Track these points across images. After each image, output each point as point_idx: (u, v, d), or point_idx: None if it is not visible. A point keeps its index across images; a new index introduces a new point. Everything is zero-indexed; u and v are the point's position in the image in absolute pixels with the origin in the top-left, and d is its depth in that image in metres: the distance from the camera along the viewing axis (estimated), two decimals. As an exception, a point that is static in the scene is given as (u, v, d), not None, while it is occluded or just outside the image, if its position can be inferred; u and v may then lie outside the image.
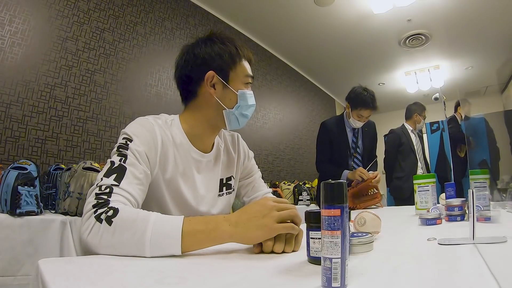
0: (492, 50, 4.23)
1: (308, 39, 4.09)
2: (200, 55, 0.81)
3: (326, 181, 0.39)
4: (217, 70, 0.81)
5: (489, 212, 0.92)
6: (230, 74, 0.82)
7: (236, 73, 0.82)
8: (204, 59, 0.81)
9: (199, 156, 0.84)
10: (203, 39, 0.84)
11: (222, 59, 0.81)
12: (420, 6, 3.30)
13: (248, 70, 0.85)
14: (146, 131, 0.75)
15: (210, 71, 0.80)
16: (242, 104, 0.83)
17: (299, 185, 3.41)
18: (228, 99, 0.82)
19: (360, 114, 2.00)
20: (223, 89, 0.82)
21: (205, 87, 0.81)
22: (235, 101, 0.82)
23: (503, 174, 1.33)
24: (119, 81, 2.46)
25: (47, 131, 1.99)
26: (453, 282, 0.40)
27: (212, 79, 0.81)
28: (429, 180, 1.27)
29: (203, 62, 0.81)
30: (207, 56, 0.81)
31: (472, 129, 1.46)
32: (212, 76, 0.80)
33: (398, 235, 0.83)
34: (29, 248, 1.27)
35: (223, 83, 0.81)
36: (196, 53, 0.82)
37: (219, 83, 0.81)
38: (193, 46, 0.84)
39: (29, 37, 1.95)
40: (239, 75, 0.83)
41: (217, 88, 0.81)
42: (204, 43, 0.83)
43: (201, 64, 0.81)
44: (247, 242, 0.60)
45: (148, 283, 0.42)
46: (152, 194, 0.76)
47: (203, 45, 0.82)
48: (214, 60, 0.81)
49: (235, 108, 0.82)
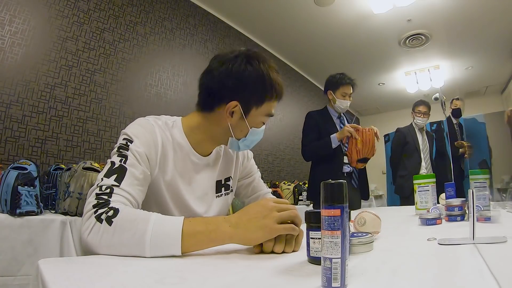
0: (492, 50, 4.24)
1: (308, 39, 4.09)
2: (234, 78, 0.75)
3: (326, 181, 0.39)
4: (242, 102, 0.77)
5: (489, 212, 0.92)
6: (252, 110, 0.78)
7: (259, 111, 0.79)
8: (235, 85, 0.75)
9: (198, 159, 0.84)
10: (244, 55, 0.77)
11: (251, 94, 0.77)
12: (420, 6, 3.30)
13: (272, 110, 0.81)
14: (146, 132, 0.75)
15: (235, 100, 0.76)
16: (249, 138, 0.82)
17: (299, 185, 3.41)
18: (239, 130, 0.81)
19: (344, 92, 2.09)
20: (239, 120, 0.79)
21: (223, 109, 0.78)
22: (244, 134, 0.81)
23: (503, 174, 1.33)
24: (119, 81, 2.46)
25: (47, 131, 1.99)
26: (453, 282, 0.40)
27: (234, 107, 0.77)
28: (429, 180, 1.27)
29: (234, 87, 0.75)
30: (239, 82, 0.75)
31: (469, 129, 1.47)
32: (234, 106, 0.77)
33: (398, 235, 0.83)
34: (29, 248, 1.27)
35: (242, 115, 0.78)
36: (232, 73, 0.75)
37: (238, 113, 0.78)
38: (233, 60, 0.76)
39: (29, 37, 1.95)
40: (261, 113, 0.80)
41: (234, 117, 0.78)
42: (244, 64, 0.76)
43: (231, 88, 0.76)
44: (248, 243, 0.60)
45: (148, 283, 0.42)
46: (152, 195, 0.76)
47: (242, 65, 0.76)
48: (244, 90, 0.76)
49: (242, 140, 0.82)
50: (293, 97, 4.82)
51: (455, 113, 3.15)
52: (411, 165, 2.85)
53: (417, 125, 2.93)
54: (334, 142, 1.98)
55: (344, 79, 2.09)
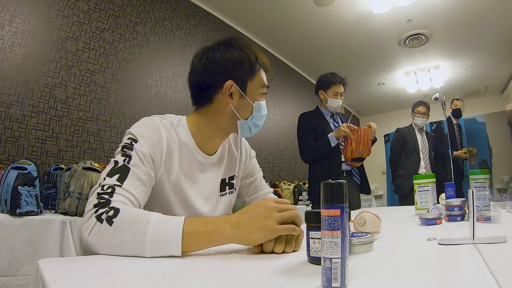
0: (492, 50, 4.24)
1: (308, 39, 4.09)
2: (220, 62, 0.78)
3: (326, 181, 0.39)
4: (236, 80, 0.79)
5: (489, 212, 0.92)
6: (248, 84, 0.80)
7: (254, 83, 0.81)
8: (224, 67, 0.78)
9: (203, 159, 0.84)
10: (222, 43, 0.81)
11: (242, 68, 0.79)
12: (420, 6, 3.30)
13: (265, 80, 0.83)
14: (152, 132, 0.74)
15: (229, 80, 0.78)
16: (256, 115, 0.82)
17: (299, 185, 3.41)
18: (244, 109, 0.81)
19: (335, 92, 2.10)
20: (240, 99, 0.80)
21: (221, 95, 0.80)
22: (250, 111, 0.82)
23: (503, 174, 1.34)
24: (119, 81, 2.46)
25: (47, 131, 1.99)
26: (453, 282, 0.40)
27: (231, 88, 0.79)
28: (429, 180, 1.27)
29: (223, 70, 0.78)
30: (227, 63, 0.78)
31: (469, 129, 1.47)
32: (231, 86, 0.78)
33: (398, 235, 0.83)
34: (29, 248, 1.27)
35: (240, 93, 0.80)
36: (216, 59, 0.79)
37: (237, 92, 0.79)
38: (212, 50, 0.80)
39: (29, 37, 1.95)
40: (257, 85, 0.82)
41: (234, 98, 0.80)
42: (224, 48, 0.80)
43: (221, 71, 0.78)
44: (248, 243, 0.60)
45: (148, 283, 0.42)
46: (156, 195, 0.75)
47: (223, 50, 0.79)
48: (234, 69, 0.79)
49: (250, 118, 0.82)
50: (293, 97, 4.82)
51: (455, 113, 3.15)
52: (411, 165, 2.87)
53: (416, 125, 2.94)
54: (333, 141, 2.00)
55: (335, 78, 2.10)
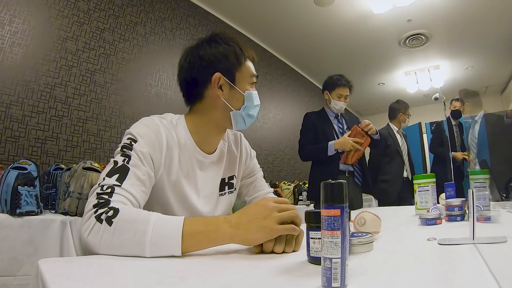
0: (492, 50, 4.24)
1: (308, 39, 4.09)
2: (206, 57, 0.80)
3: (326, 181, 0.39)
4: (224, 72, 0.80)
5: (489, 212, 0.92)
6: (236, 75, 0.81)
7: (242, 73, 0.82)
8: (210, 61, 0.80)
9: (203, 157, 0.84)
10: (206, 40, 0.83)
11: (228, 60, 0.80)
12: (420, 6, 3.30)
13: (253, 70, 0.85)
14: (151, 132, 0.74)
15: (216, 73, 0.79)
16: (248, 105, 0.82)
17: (299, 185, 3.40)
18: (235, 100, 0.82)
19: (339, 94, 2.11)
20: (230, 91, 0.81)
21: (212, 89, 0.81)
22: (242, 102, 0.82)
23: (503, 174, 1.33)
24: (119, 81, 2.46)
25: (47, 131, 1.99)
26: (453, 282, 0.40)
27: (219, 80, 0.80)
28: (429, 180, 1.26)
29: (209, 64, 0.80)
30: (213, 57, 0.80)
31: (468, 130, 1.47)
32: (219, 78, 0.80)
33: (398, 235, 0.83)
34: (29, 248, 1.27)
35: (230, 85, 0.81)
36: (201, 55, 0.80)
37: (226, 84, 0.81)
38: (197, 47, 0.82)
39: (29, 37, 1.95)
40: (245, 75, 0.83)
41: (224, 90, 0.81)
42: (208, 44, 0.82)
43: (207, 66, 0.80)
44: (248, 243, 0.60)
45: (148, 283, 0.42)
46: (156, 195, 0.75)
47: (207, 46, 0.81)
48: (220, 62, 0.80)
49: (242, 109, 0.82)
50: (293, 97, 4.82)
51: (454, 114, 3.14)
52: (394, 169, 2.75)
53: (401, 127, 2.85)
54: (330, 150, 2.00)
55: (340, 80, 2.12)
